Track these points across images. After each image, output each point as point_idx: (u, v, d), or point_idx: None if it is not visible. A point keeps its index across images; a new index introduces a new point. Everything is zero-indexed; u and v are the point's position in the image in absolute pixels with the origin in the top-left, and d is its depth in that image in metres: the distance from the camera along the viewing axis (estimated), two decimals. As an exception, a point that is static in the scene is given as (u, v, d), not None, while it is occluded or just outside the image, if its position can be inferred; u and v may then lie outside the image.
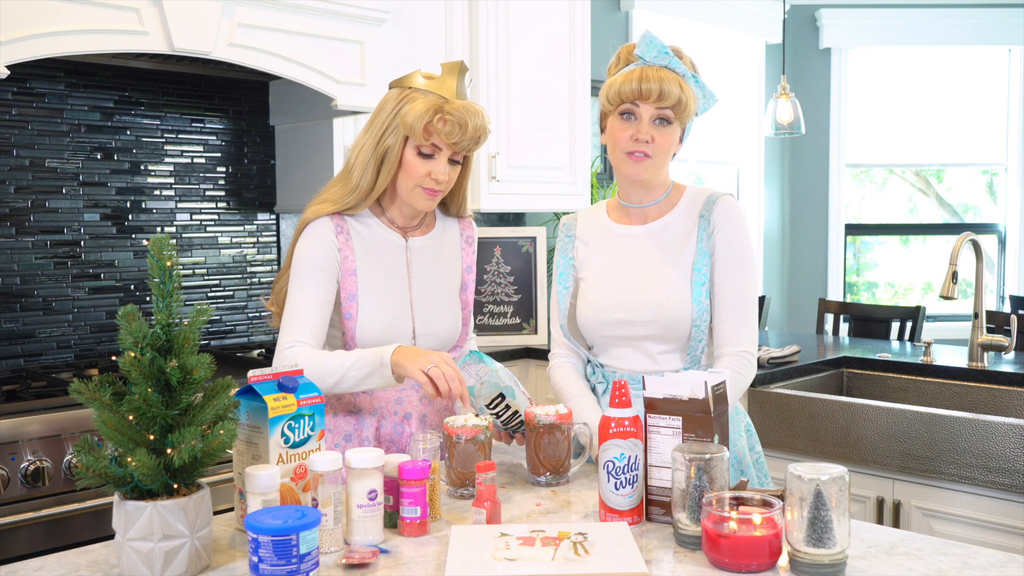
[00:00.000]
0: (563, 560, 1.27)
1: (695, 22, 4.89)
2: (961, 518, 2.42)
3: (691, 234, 1.83)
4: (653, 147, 1.77)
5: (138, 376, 1.24)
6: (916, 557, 1.31)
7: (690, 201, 1.86)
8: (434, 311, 1.86)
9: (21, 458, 2.12)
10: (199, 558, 1.27)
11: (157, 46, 2.43)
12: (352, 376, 1.70)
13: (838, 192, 5.54)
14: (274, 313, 1.89)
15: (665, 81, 1.73)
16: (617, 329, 1.82)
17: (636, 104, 1.76)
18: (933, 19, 5.41)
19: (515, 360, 3.39)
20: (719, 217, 1.81)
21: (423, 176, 1.76)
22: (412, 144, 1.75)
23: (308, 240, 1.79)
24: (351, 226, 1.82)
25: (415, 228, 1.89)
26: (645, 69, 1.75)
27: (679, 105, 1.75)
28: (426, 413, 1.84)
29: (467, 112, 1.73)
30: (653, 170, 1.80)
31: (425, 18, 3.28)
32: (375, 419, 1.81)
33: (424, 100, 1.73)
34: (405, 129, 1.73)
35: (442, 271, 1.91)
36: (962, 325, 5.34)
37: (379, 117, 1.78)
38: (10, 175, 2.72)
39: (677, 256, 1.82)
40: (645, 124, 1.76)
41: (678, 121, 1.78)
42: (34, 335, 2.77)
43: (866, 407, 2.58)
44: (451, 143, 1.74)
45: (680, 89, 1.74)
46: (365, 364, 1.69)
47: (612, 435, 1.44)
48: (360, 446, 1.78)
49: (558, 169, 3.69)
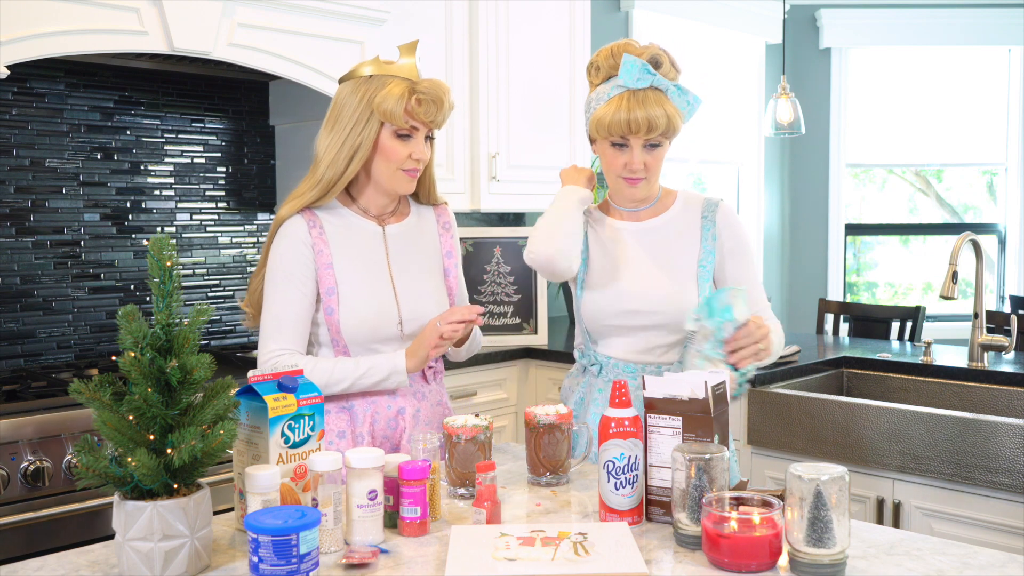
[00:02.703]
0: (563, 560, 1.27)
1: (695, 22, 4.88)
2: (961, 518, 2.42)
3: (694, 232, 1.91)
4: (647, 171, 1.85)
5: (138, 376, 1.24)
6: (916, 557, 1.31)
7: (685, 204, 1.95)
8: (418, 295, 1.86)
9: (21, 458, 2.12)
10: (199, 558, 1.27)
11: (157, 46, 2.43)
12: (362, 384, 1.77)
13: (838, 192, 5.54)
14: (249, 314, 1.89)
15: (651, 108, 1.77)
16: (622, 319, 1.87)
17: (625, 137, 1.81)
18: (933, 19, 5.40)
19: (515, 360, 3.39)
20: (724, 220, 1.92)
21: (404, 158, 1.78)
22: (389, 129, 1.77)
23: (282, 242, 1.80)
24: (323, 219, 1.82)
25: (389, 215, 1.89)
26: (630, 99, 1.78)
27: (668, 129, 1.80)
28: (420, 408, 1.85)
29: (438, 89, 1.77)
30: (648, 187, 1.90)
31: (425, 18, 3.28)
32: (369, 415, 1.80)
33: (397, 84, 1.74)
34: (383, 116, 1.74)
35: (422, 256, 1.90)
36: (962, 325, 5.34)
37: (345, 111, 1.77)
38: (10, 175, 2.72)
39: (680, 252, 1.90)
40: (637, 154, 1.82)
41: (668, 139, 1.85)
42: (34, 335, 2.77)
43: (866, 407, 2.58)
44: (428, 121, 1.77)
45: (665, 112, 1.78)
46: (377, 373, 1.76)
47: (612, 435, 1.44)
48: (354, 443, 1.79)
49: (558, 169, 3.68)
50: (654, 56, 1.81)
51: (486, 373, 3.30)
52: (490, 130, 3.47)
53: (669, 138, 1.84)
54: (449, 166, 3.39)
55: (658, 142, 1.82)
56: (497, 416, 3.31)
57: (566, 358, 3.24)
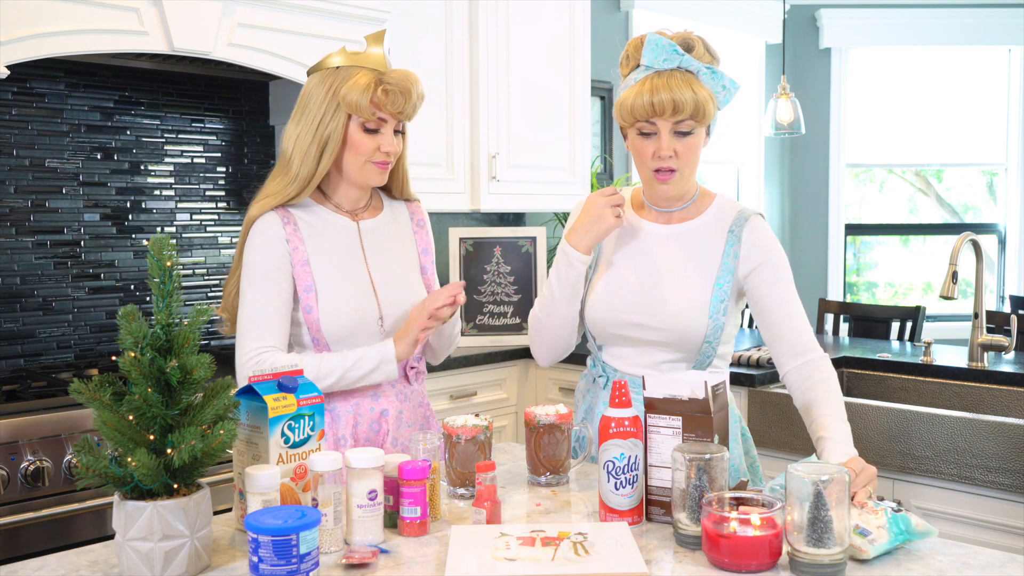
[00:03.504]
0: (563, 560, 1.27)
1: (695, 22, 4.88)
2: (961, 518, 2.42)
3: (717, 246, 1.76)
4: (678, 160, 1.70)
5: (138, 376, 1.24)
6: (916, 557, 1.31)
7: (719, 211, 1.79)
8: (398, 289, 1.84)
9: (21, 458, 2.12)
10: (199, 558, 1.27)
11: (157, 46, 2.43)
12: (351, 376, 1.73)
13: (838, 192, 5.54)
14: (226, 320, 1.83)
15: (676, 90, 1.64)
16: (627, 330, 1.78)
17: (652, 121, 1.67)
18: (933, 19, 5.41)
19: (515, 360, 3.39)
20: (751, 237, 1.75)
21: (373, 151, 1.75)
22: (356, 122, 1.73)
23: (256, 239, 1.75)
24: (297, 217, 1.78)
25: (363, 211, 1.87)
26: (654, 80, 1.66)
27: (696, 111, 1.65)
28: (403, 410, 1.83)
29: (407, 80, 1.73)
30: (682, 183, 1.74)
31: (425, 18, 3.28)
32: (351, 417, 1.78)
33: (363, 75, 1.71)
34: (348, 108, 1.71)
35: (398, 251, 1.88)
36: (962, 325, 5.34)
37: (311, 103, 1.74)
38: (10, 175, 2.72)
39: (700, 266, 1.75)
40: (666, 139, 1.68)
41: (700, 125, 1.69)
42: (34, 335, 2.77)
43: (866, 407, 2.58)
44: (396, 112, 1.74)
45: (694, 93, 1.64)
46: (366, 363, 1.72)
47: (612, 435, 1.44)
48: (335, 445, 1.77)
49: (558, 169, 3.69)
50: (685, 39, 1.69)
51: (486, 373, 3.30)
52: (490, 130, 3.47)
53: (701, 123, 1.68)
54: (449, 166, 3.39)
55: (689, 128, 1.67)
56: (497, 416, 3.31)
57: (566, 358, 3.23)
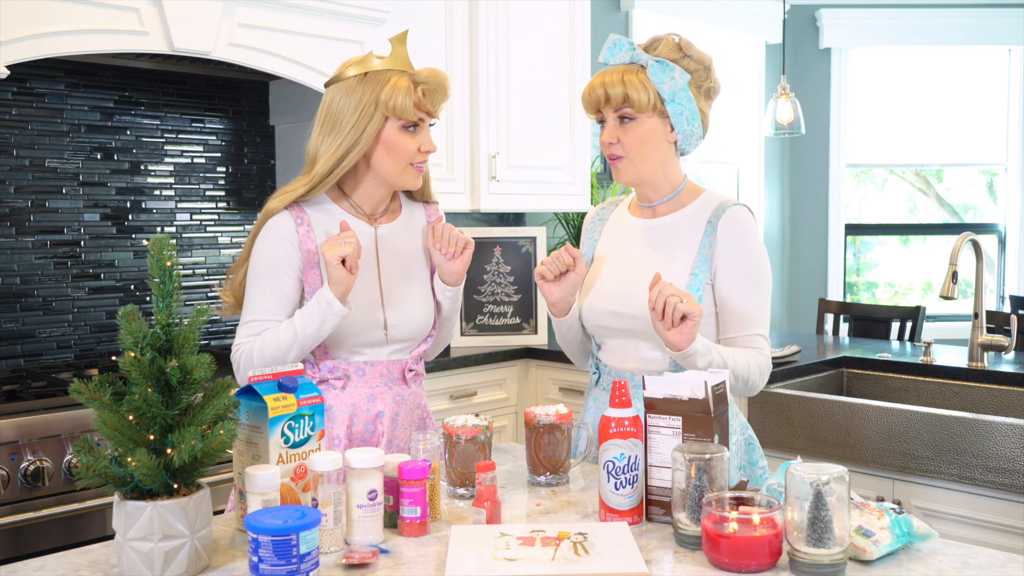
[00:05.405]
0: (563, 560, 1.27)
1: (695, 22, 4.89)
2: (961, 518, 2.42)
3: (695, 237, 1.79)
4: (622, 147, 1.77)
5: (138, 376, 1.24)
6: (916, 557, 1.31)
7: (703, 204, 1.83)
8: (405, 301, 1.83)
9: (21, 458, 2.12)
10: (199, 558, 1.27)
11: (157, 46, 2.43)
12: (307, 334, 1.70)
13: (838, 192, 5.54)
14: (228, 304, 1.85)
15: (610, 85, 1.74)
16: (608, 320, 1.82)
17: (599, 111, 1.79)
18: (933, 19, 5.40)
19: (515, 360, 3.39)
20: (724, 228, 1.77)
21: (413, 152, 1.76)
22: (395, 124, 1.74)
23: (267, 237, 1.76)
24: (312, 217, 1.78)
25: (382, 214, 1.86)
26: (601, 75, 1.78)
27: (628, 99, 1.73)
28: (399, 412, 1.83)
29: (439, 76, 1.77)
30: (633, 168, 1.79)
31: (425, 18, 3.28)
32: (347, 417, 1.78)
33: (400, 78, 1.73)
34: (392, 111, 1.71)
35: (412, 258, 1.88)
36: (962, 325, 5.34)
37: (344, 114, 1.73)
38: (10, 175, 2.72)
39: (675, 256, 1.79)
40: (610, 126, 1.78)
41: (644, 114, 1.75)
42: (34, 335, 2.77)
43: (866, 407, 2.58)
44: (434, 111, 1.78)
45: (624, 85, 1.73)
46: (313, 317, 1.69)
47: (612, 435, 1.44)
48: (329, 444, 1.76)
49: (558, 169, 3.69)
50: (655, 38, 1.79)
51: (486, 373, 3.30)
52: (490, 130, 3.47)
53: (639, 111, 1.74)
54: (449, 166, 3.39)
55: (627, 115, 1.75)
56: (497, 416, 3.31)
57: (566, 358, 3.23)
